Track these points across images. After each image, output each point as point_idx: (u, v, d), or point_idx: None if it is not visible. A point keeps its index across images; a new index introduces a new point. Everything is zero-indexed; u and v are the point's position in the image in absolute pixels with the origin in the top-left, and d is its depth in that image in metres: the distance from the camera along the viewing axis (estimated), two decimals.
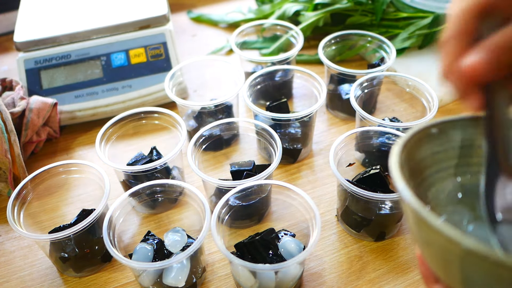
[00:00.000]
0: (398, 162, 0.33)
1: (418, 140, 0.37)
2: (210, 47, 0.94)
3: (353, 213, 0.56)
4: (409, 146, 0.36)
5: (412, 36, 0.81)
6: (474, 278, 0.28)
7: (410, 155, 0.36)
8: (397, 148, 0.35)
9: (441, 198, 0.39)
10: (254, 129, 0.64)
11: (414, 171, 0.37)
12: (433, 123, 0.38)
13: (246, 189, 0.54)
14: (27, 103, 0.70)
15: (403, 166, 0.34)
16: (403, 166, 0.34)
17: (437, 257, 0.30)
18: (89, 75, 0.77)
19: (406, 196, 0.30)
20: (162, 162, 0.59)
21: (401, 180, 0.31)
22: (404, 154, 0.35)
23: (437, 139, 0.38)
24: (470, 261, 0.27)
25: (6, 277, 0.57)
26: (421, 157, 0.37)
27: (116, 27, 0.79)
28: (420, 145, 0.37)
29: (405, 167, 0.34)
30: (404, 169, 0.34)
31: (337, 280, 0.54)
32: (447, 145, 0.38)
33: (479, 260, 0.26)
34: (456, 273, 0.29)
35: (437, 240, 0.29)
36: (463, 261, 0.28)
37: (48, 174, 0.59)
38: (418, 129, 0.37)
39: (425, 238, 0.30)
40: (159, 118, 0.67)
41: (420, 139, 0.37)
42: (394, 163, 0.33)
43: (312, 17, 0.86)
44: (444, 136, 0.38)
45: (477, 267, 0.27)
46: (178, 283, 0.50)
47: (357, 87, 0.67)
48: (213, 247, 0.58)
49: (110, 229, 0.51)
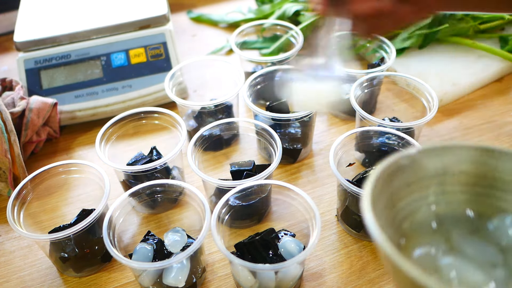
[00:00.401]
0: (371, 199, 0.33)
1: (391, 173, 0.37)
2: (210, 47, 0.94)
3: (353, 213, 0.56)
4: (381, 181, 0.36)
5: (412, 36, 0.81)
6: None
7: (384, 189, 0.36)
8: (369, 185, 0.34)
9: (417, 228, 0.39)
10: (254, 129, 0.64)
11: (389, 204, 0.37)
12: (404, 154, 0.38)
13: (246, 189, 0.54)
14: (27, 103, 0.70)
15: (376, 202, 0.34)
16: (377, 202, 0.34)
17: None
18: (89, 75, 0.77)
19: (377, 238, 0.30)
20: (162, 162, 0.59)
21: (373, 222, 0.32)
22: (377, 190, 0.35)
23: (409, 170, 0.38)
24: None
25: (6, 277, 0.57)
26: (394, 189, 0.37)
27: (116, 27, 0.79)
28: (393, 178, 0.37)
29: (379, 202, 0.34)
30: (378, 204, 0.34)
31: (337, 280, 0.54)
32: (420, 174, 0.38)
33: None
34: None
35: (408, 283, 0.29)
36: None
37: (48, 174, 0.59)
38: (389, 163, 0.37)
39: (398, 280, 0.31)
40: (159, 118, 0.67)
41: (393, 172, 0.37)
42: (367, 202, 0.33)
43: (312, 17, 0.86)
44: (417, 166, 0.38)
45: None
46: (178, 283, 0.50)
47: (357, 87, 0.67)
48: (213, 247, 0.58)
49: (110, 229, 0.51)
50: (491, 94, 0.78)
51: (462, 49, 0.82)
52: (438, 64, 0.80)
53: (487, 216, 0.38)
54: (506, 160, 0.37)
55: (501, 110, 0.75)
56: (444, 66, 0.80)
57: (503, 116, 0.74)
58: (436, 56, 0.82)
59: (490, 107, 0.75)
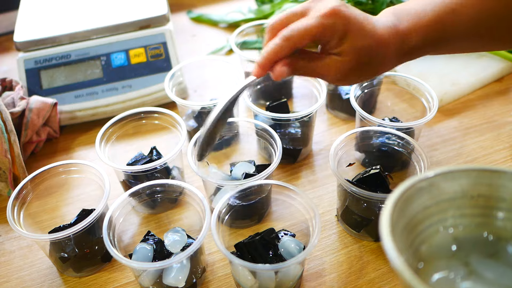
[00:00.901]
0: (389, 223, 0.33)
1: (409, 197, 0.36)
2: (210, 47, 0.94)
3: (353, 213, 0.56)
4: (400, 204, 0.35)
5: None
6: None
7: (402, 212, 0.36)
8: (387, 208, 0.34)
9: (435, 252, 0.38)
10: (254, 129, 0.64)
11: (407, 227, 0.36)
12: (422, 177, 0.37)
13: (246, 189, 0.54)
14: (27, 103, 0.70)
15: (394, 226, 0.33)
16: (395, 226, 0.34)
17: None
18: (89, 75, 0.77)
19: (396, 264, 0.30)
20: (162, 162, 0.59)
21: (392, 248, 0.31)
22: (395, 213, 0.34)
23: (427, 193, 0.38)
24: None
25: (6, 277, 0.57)
26: (412, 212, 0.37)
27: (116, 27, 0.79)
28: (410, 201, 0.37)
29: (397, 225, 0.34)
30: (396, 228, 0.34)
31: (337, 280, 0.54)
32: (438, 198, 0.38)
33: None
34: None
35: None
36: None
37: (48, 174, 0.59)
38: (407, 186, 0.36)
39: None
40: (159, 118, 0.67)
41: (411, 195, 0.37)
42: (385, 226, 0.33)
43: None
44: (435, 189, 0.38)
45: None
46: (178, 283, 0.50)
47: (357, 87, 0.67)
48: (213, 247, 0.58)
49: (110, 229, 0.51)
50: (491, 94, 0.78)
51: None
52: (438, 64, 0.80)
53: (507, 239, 0.38)
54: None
55: (501, 110, 0.75)
56: (444, 66, 0.80)
57: (503, 116, 0.74)
58: (436, 56, 0.82)
59: (490, 107, 0.75)
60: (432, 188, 0.38)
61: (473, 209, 0.39)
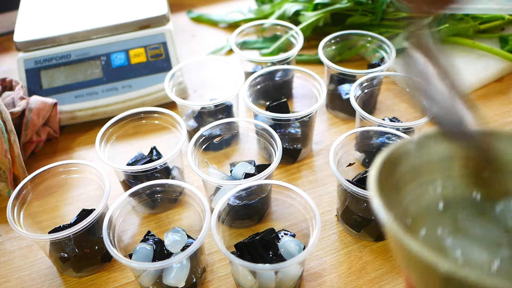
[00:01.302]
0: (377, 183, 0.33)
1: (398, 157, 0.37)
2: (210, 47, 0.94)
3: (353, 213, 0.56)
4: (388, 165, 0.36)
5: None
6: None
7: (390, 173, 0.36)
8: (376, 166, 0.35)
9: (423, 211, 0.39)
10: (254, 129, 0.64)
11: (395, 188, 0.37)
12: (410, 139, 0.38)
13: (246, 189, 0.54)
14: (27, 103, 0.70)
15: (383, 186, 0.34)
16: (383, 186, 0.34)
17: (419, 279, 0.31)
18: (89, 75, 0.78)
19: (384, 220, 0.30)
20: (162, 162, 0.59)
21: (379, 203, 0.32)
22: (383, 172, 0.35)
23: (416, 154, 0.38)
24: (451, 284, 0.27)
25: (6, 277, 0.57)
26: (401, 173, 0.38)
27: (116, 27, 0.79)
28: (399, 162, 0.37)
29: (385, 186, 0.35)
30: (385, 188, 0.34)
31: (337, 280, 0.54)
32: (426, 159, 0.39)
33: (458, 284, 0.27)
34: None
35: (418, 264, 0.29)
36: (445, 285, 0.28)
37: (48, 174, 0.59)
38: (395, 147, 0.37)
39: (406, 262, 0.31)
40: (159, 118, 0.67)
41: (399, 156, 0.37)
42: (373, 184, 0.33)
43: (312, 17, 0.86)
44: (424, 150, 0.38)
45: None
46: (178, 283, 0.50)
47: (357, 87, 0.67)
48: (213, 247, 0.58)
49: (110, 229, 0.51)
50: (491, 94, 0.78)
51: (462, 49, 0.82)
52: None
53: (494, 199, 0.38)
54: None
55: (501, 110, 0.75)
56: None
57: (503, 116, 0.74)
58: None
59: (490, 107, 0.76)
60: (421, 149, 0.38)
61: (461, 170, 0.39)
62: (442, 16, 0.81)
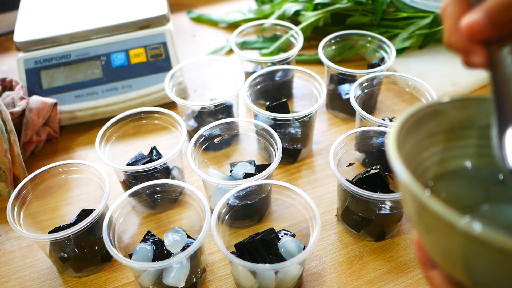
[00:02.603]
0: (396, 143, 0.32)
1: (416, 121, 0.36)
2: (210, 47, 0.94)
3: (353, 213, 0.56)
4: (405, 128, 0.35)
5: (412, 36, 0.81)
6: (477, 266, 0.27)
7: (408, 136, 0.35)
8: (394, 129, 0.33)
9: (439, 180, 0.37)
10: (254, 129, 0.64)
11: (412, 153, 0.36)
12: (430, 103, 0.36)
13: (246, 189, 0.54)
14: (27, 103, 0.70)
15: (401, 148, 0.33)
16: (401, 148, 0.33)
17: (436, 243, 0.29)
18: (89, 75, 0.78)
19: (403, 178, 0.29)
20: (162, 162, 0.59)
21: (398, 161, 0.30)
22: (401, 136, 0.34)
23: (434, 120, 0.37)
24: (472, 247, 0.26)
25: (6, 277, 0.57)
26: (419, 138, 0.36)
27: (116, 27, 0.79)
28: (417, 127, 0.36)
29: (403, 149, 0.33)
30: (402, 151, 0.33)
31: (337, 280, 0.54)
32: (445, 126, 0.37)
33: (482, 247, 0.25)
34: (457, 260, 0.28)
35: (436, 225, 0.27)
36: (465, 247, 0.26)
37: (48, 174, 0.59)
38: (415, 110, 0.35)
39: (423, 222, 0.29)
40: (159, 118, 0.67)
41: (418, 120, 0.36)
42: (392, 144, 0.32)
43: (312, 17, 0.86)
44: (443, 117, 0.37)
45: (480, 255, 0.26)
46: (178, 283, 0.50)
47: (357, 87, 0.67)
48: (213, 247, 0.58)
49: (110, 229, 0.51)
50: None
51: None
52: (438, 64, 0.80)
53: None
54: None
55: None
56: (444, 66, 0.80)
57: None
58: (436, 56, 0.82)
59: None
60: (439, 115, 0.37)
61: (479, 139, 0.38)
62: None
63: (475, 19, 0.31)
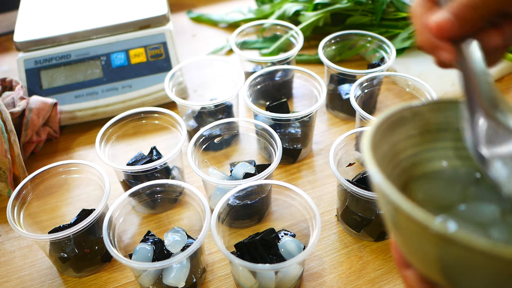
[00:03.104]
0: (371, 144, 0.32)
1: (392, 123, 0.36)
2: (210, 47, 0.94)
3: (353, 213, 0.56)
4: (382, 129, 0.35)
5: (412, 36, 0.81)
6: (451, 266, 0.27)
7: (384, 137, 0.35)
8: (370, 131, 0.33)
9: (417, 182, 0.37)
10: (254, 129, 0.64)
11: (388, 155, 0.36)
12: (407, 106, 0.36)
13: (246, 189, 0.54)
14: (27, 103, 0.70)
15: (376, 149, 0.33)
16: (376, 149, 0.33)
17: (410, 244, 0.29)
18: (89, 75, 0.78)
19: (376, 179, 0.29)
20: (162, 162, 0.59)
21: (372, 163, 0.30)
22: (377, 137, 0.34)
23: (412, 122, 0.37)
24: (444, 248, 0.26)
25: (6, 277, 0.57)
26: (395, 140, 0.36)
27: (116, 27, 0.79)
28: (394, 128, 0.36)
29: (378, 150, 0.33)
30: (378, 152, 0.33)
31: (337, 280, 0.54)
32: (422, 128, 0.37)
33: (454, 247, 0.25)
34: (430, 261, 0.28)
35: (408, 226, 0.27)
36: (438, 248, 0.26)
37: (48, 174, 0.59)
38: (392, 112, 0.35)
39: (396, 224, 0.29)
40: (159, 118, 0.67)
41: (394, 122, 0.36)
42: (367, 145, 0.32)
43: (312, 17, 0.86)
44: (420, 119, 0.37)
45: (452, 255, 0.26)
46: (178, 283, 0.50)
47: (357, 87, 0.67)
48: (213, 247, 0.58)
49: (110, 229, 0.51)
50: None
51: None
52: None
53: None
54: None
55: None
56: None
57: None
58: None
59: None
60: (416, 118, 0.37)
61: (456, 142, 0.38)
62: None
63: (443, 17, 0.32)
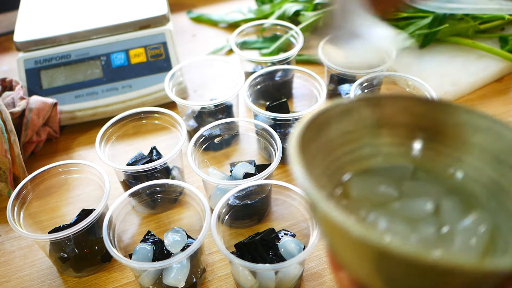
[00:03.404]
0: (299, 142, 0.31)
1: (327, 119, 0.35)
2: (210, 47, 0.94)
3: None
4: (315, 126, 0.34)
5: (412, 36, 0.81)
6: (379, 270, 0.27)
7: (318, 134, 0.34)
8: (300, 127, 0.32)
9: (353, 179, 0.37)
10: (254, 129, 0.64)
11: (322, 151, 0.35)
12: (342, 101, 0.36)
13: (246, 189, 0.54)
14: (27, 103, 0.70)
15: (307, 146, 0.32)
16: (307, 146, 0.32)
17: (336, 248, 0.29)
18: (89, 75, 0.78)
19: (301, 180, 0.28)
20: (162, 162, 0.59)
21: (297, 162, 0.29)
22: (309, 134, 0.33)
23: (348, 118, 0.36)
24: (362, 250, 0.26)
25: (6, 277, 0.57)
26: (331, 136, 0.36)
27: (116, 27, 0.79)
28: (329, 125, 0.35)
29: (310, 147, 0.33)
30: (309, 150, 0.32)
31: None
32: (359, 124, 0.37)
33: (370, 250, 0.25)
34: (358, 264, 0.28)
35: (327, 226, 0.27)
36: (356, 250, 0.26)
37: (48, 174, 0.59)
38: (324, 109, 0.35)
39: (319, 224, 0.29)
40: (159, 118, 0.67)
41: (329, 117, 0.35)
42: (293, 144, 0.31)
43: (312, 17, 0.86)
44: (356, 115, 0.36)
45: (370, 258, 0.25)
46: (178, 283, 0.50)
47: (357, 87, 0.67)
48: (213, 247, 0.58)
49: (110, 229, 0.51)
50: (491, 94, 0.78)
51: (462, 49, 0.82)
52: (438, 64, 0.80)
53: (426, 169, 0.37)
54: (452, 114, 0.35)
55: (501, 110, 0.75)
56: (444, 66, 0.80)
57: (503, 116, 0.74)
58: (436, 56, 0.82)
59: (490, 107, 0.75)
60: (353, 114, 0.36)
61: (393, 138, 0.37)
62: (442, 16, 0.81)
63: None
